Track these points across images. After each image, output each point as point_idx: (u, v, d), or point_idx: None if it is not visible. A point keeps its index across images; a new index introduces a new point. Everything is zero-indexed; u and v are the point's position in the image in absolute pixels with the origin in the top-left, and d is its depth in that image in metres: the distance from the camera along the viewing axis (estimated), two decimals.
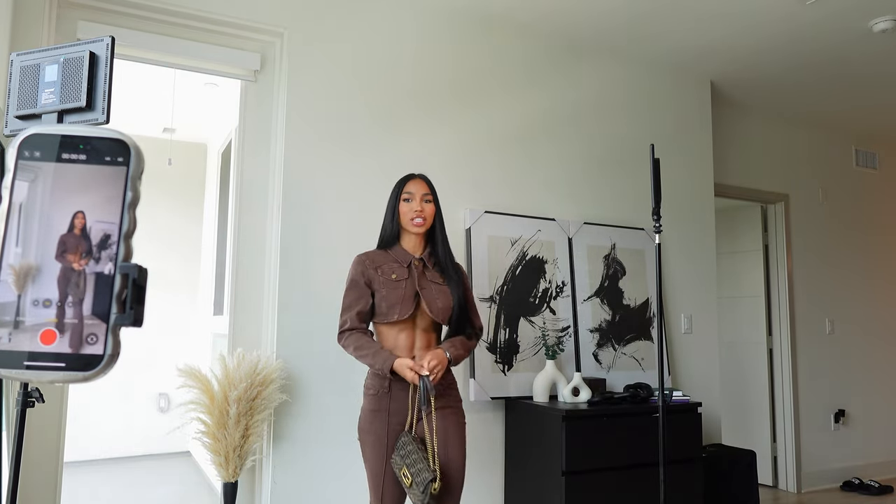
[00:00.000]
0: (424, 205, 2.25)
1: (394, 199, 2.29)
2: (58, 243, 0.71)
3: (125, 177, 0.75)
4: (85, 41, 0.85)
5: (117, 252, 0.72)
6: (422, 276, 2.24)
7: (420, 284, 2.22)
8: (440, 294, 2.22)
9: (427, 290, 2.22)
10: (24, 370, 0.70)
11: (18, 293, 0.70)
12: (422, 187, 2.28)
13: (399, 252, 2.26)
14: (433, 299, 2.21)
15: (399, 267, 2.23)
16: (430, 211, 2.26)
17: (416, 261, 2.25)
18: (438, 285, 2.24)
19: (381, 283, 2.20)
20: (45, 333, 0.70)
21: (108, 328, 0.70)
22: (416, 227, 2.24)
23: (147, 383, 5.32)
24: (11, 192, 0.72)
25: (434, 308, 2.20)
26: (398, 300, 2.17)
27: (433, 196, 2.29)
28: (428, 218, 2.26)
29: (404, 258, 2.25)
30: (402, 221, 2.26)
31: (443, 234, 2.32)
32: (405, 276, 2.22)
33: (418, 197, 2.25)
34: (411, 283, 2.21)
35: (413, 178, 2.30)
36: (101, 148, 0.75)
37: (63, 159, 0.74)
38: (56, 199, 0.73)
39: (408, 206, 2.25)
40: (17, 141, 0.75)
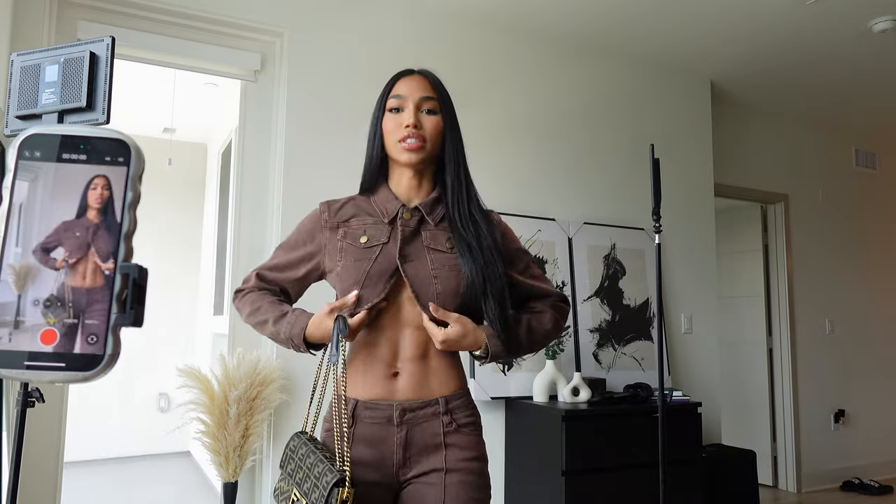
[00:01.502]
0: (423, 117, 1.33)
1: (377, 111, 1.38)
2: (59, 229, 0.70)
3: (125, 177, 0.75)
4: (85, 41, 0.85)
5: (118, 252, 0.72)
6: (412, 238, 1.32)
7: (404, 252, 1.29)
8: (442, 269, 1.29)
9: (417, 264, 1.29)
10: (25, 370, 0.70)
11: (18, 293, 0.70)
12: (420, 87, 1.35)
13: (382, 199, 1.35)
14: (426, 278, 1.28)
15: (376, 223, 1.33)
16: (432, 127, 1.33)
17: (407, 212, 1.33)
18: (441, 254, 1.30)
19: (341, 251, 1.32)
20: (45, 333, 0.70)
21: (109, 328, 0.70)
22: (407, 155, 1.31)
23: (147, 383, 5.32)
24: (12, 193, 0.72)
25: (426, 293, 1.27)
26: (359, 279, 1.27)
27: (440, 103, 1.35)
28: (430, 138, 1.32)
29: (387, 209, 1.34)
30: (388, 146, 1.35)
31: (459, 165, 1.36)
32: (382, 238, 1.31)
33: (412, 103, 1.32)
34: (389, 251, 1.29)
35: (407, 75, 1.38)
36: (101, 148, 0.75)
37: (63, 159, 0.74)
38: (56, 199, 0.73)
39: (395, 120, 1.33)
40: (18, 141, 0.75)
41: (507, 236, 1.41)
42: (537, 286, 1.42)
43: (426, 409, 1.27)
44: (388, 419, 1.25)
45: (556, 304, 1.42)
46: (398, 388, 1.28)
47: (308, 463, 1.21)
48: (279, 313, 1.33)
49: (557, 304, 1.43)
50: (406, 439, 1.25)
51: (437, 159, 1.37)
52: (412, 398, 1.27)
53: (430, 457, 1.26)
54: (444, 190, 1.36)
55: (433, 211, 1.35)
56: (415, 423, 1.26)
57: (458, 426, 1.29)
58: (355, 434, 1.26)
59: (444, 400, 1.29)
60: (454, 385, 1.32)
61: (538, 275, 1.44)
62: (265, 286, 1.40)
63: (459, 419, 1.30)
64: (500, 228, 1.40)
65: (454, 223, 1.33)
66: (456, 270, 1.29)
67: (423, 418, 1.27)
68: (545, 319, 1.39)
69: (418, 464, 1.26)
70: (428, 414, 1.27)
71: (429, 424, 1.27)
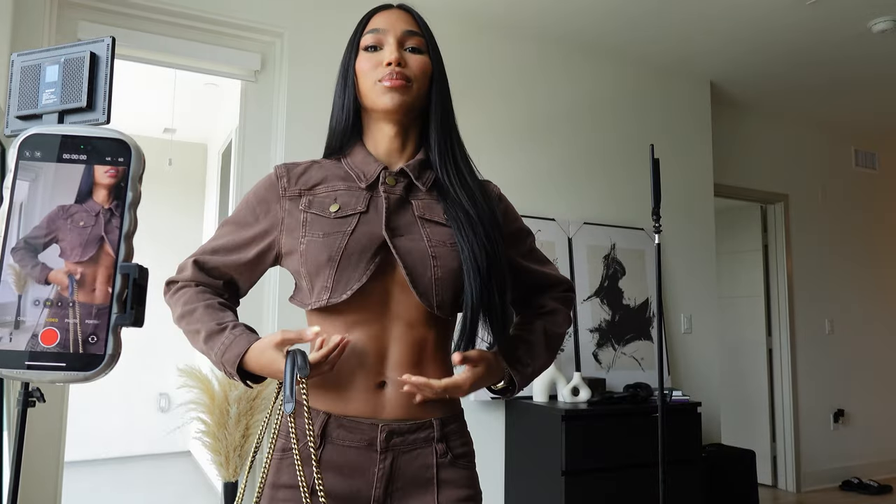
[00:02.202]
0: (408, 55, 1.06)
1: (348, 52, 1.12)
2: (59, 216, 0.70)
3: (126, 177, 0.75)
4: (86, 41, 0.85)
5: (118, 252, 0.72)
6: (400, 208, 1.04)
7: (392, 224, 1.02)
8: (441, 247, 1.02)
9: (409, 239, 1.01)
10: (25, 370, 0.70)
11: (19, 293, 0.70)
12: (402, 20, 1.09)
13: (358, 160, 1.07)
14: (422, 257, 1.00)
15: (350, 189, 1.05)
16: (418, 66, 1.07)
17: (391, 176, 1.05)
18: (439, 227, 1.04)
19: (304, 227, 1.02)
20: (46, 333, 0.70)
21: (109, 328, 0.70)
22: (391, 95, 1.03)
23: (147, 383, 5.32)
24: (12, 192, 0.72)
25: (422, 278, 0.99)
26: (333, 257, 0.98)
27: (427, 42, 1.10)
28: (416, 78, 1.06)
29: (364, 170, 1.06)
30: (363, 90, 1.07)
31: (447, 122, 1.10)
32: (359, 206, 1.02)
33: (393, 38, 1.06)
34: (371, 221, 1.01)
35: (386, 9, 1.11)
36: (101, 148, 0.75)
37: (64, 159, 0.74)
38: (56, 199, 0.73)
39: (372, 59, 1.06)
40: (18, 141, 0.75)
41: (509, 212, 1.18)
42: (543, 272, 1.17)
43: (418, 434, 0.99)
44: (370, 443, 0.96)
45: (566, 296, 1.19)
46: (385, 403, 0.98)
47: None
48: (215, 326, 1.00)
49: (567, 296, 1.19)
50: (390, 470, 0.97)
51: (422, 114, 1.09)
52: (402, 417, 0.98)
53: (419, 495, 0.98)
54: (429, 150, 1.08)
55: (422, 175, 1.07)
56: (403, 449, 0.98)
57: (454, 457, 1.01)
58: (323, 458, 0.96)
59: (440, 422, 1.01)
60: (451, 404, 1.05)
61: (542, 258, 1.21)
62: (204, 279, 1.09)
63: (455, 448, 1.02)
64: (501, 202, 1.17)
65: (446, 190, 1.05)
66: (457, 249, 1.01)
67: (414, 444, 0.99)
68: (560, 321, 1.14)
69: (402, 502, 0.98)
70: (420, 439, 0.99)
71: (420, 453, 0.99)
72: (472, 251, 1.00)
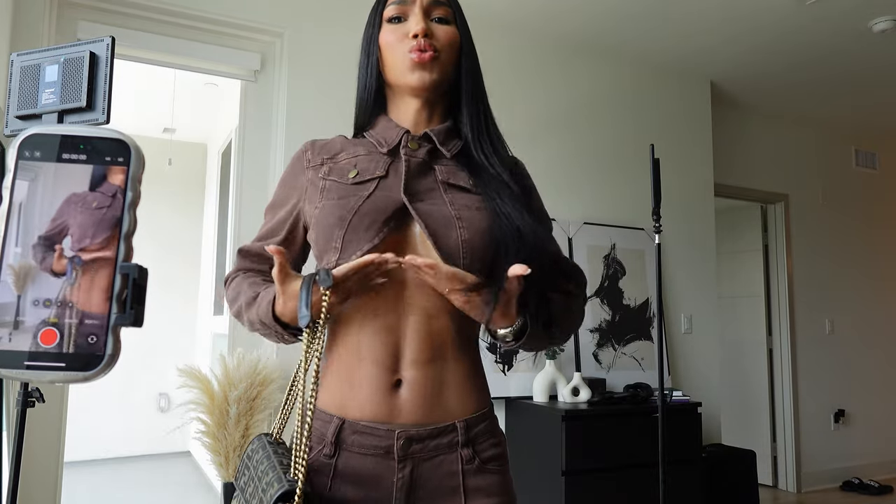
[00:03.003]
0: (435, 26, 1.00)
1: (371, 25, 1.06)
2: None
3: (126, 177, 0.75)
4: (85, 41, 0.85)
5: (118, 252, 0.72)
6: (422, 172, 0.97)
7: (411, 189, 0.94)
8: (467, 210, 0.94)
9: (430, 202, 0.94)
10: (25, 370, 0.70)
11: (18, 293, 0.70)
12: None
13: (380, 128, 1.02)
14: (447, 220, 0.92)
15: (369, 155, 1.00)
16: (446, 37, 1.01)
17: (413, 141, 0.99)
18: (464, 193, 0.96)
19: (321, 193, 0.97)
20: (46, 333, 0.70)
21: (109, 328, 0.70)
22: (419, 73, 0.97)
23: (147, 383, 5.32)
24: (12, 193, 0.72)
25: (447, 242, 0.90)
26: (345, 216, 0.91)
27: (455, 12, 1.06)
28: (444, 48, 1.00)
29: (385, 136, 1.00)
30: (388, 65, 1.01)
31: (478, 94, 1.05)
32: (378, 171, 0.97)
33: (419, 8, 1.00)
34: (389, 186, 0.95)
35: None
36: (101, 148, 0.75)
37: (63, 159, 0.74)
38: (57, 199, 0.73)
39: (397, 31, 1.00)
40: (17, 141, 0.75)
41: (535, 194, 1.11)
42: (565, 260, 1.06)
43: (440, 439, 0.90)
44: (387, 450, 0.89)
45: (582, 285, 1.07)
46: (401, 406, 0.90)
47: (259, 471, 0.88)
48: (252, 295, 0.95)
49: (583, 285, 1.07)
50: (411, 480, 0.89)
51: (451, 88, 1.02)
52: (421, 421, 0.89)
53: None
54: (459, 122, 1.02)
55: (447, 142, 1.00)
56: (424, 457, 0.89)
57: (482, 462, 0.92)
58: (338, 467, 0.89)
59: (465, 425, 0.91)
60: (477, 402, 0.94)
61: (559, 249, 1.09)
62: (249, 265, 1.04)
63: (484, 452, 0.93)
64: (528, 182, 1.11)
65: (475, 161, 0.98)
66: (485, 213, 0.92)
67: (436, 451, 0.90)
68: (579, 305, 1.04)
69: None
70: (442, 445, 0.90)
71: (443, 460, 0.90)
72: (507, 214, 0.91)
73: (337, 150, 1.02)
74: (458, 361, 0.93)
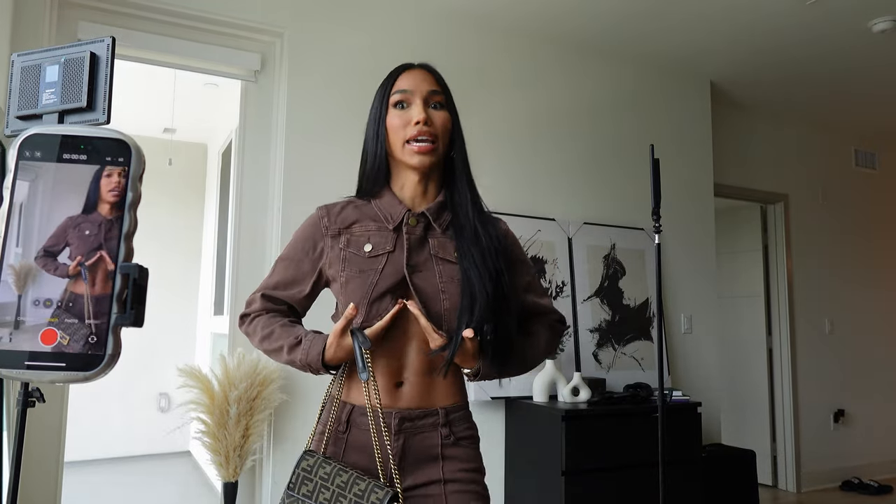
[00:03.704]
0: (433, 112, 1.24)
1: (378, 107, 1.29)
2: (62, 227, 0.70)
3: (126, 177, 0.75)
4: (86, 41, 0.85)
5: (118, 252, 0.72)
6: (419, 246, 1.24)
7: (412, 262, 1.22)
8: (450, 283, 1.21)
9: (424, 275, 1.21)
10: (25, 370, 0.70)
11: (19, 293, 0.70)
12: (426, 80, 1.27)
13: (386, 203, 1.26)
14: (434, 292, 1.20)
15: (380, 230, 1.24)
16: (441, 122, 1.25)
17: (413, 218, 1.24)
18: (449, 265, 1.23)
19: (344, 262, 1.23)
20: (46, 333, 0.70)
21: (109, 328, 0.70)
22: (419, 157, 1.22)
23: (147, 383, 5.33)
24: (12, 193, 0.72)
25: (434, 308, 1.19)
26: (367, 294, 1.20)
27: (447, 98, 1.28)
28: (440, 135, 1.24)
29: (392, 213, 1.25)
30: (393, 146, 1.26)
31: (465, 170, 1.29)
32: (388, 247, 1.23)
33: (419, 98, 1.24)
34: (396, 260, 1.21)
35: (410, 68, 1.30)
36: (101, 148, 0.75)
37: (64, 159, 0.74)
38: (57, 199, 0.73)
39: (402, 116, 1.24)
40: (18, 141, 0.75)
41: (514, 247, 1.34)
42: (537, 302, 1.36)
43: (425, 420, 1.21)
44: (386, 427, 1.17)
45: (553, 325, 1.37)
46: (401, 397, 1.21)
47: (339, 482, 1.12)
48: (293, 340, 1.23)
49: (554, 325, 1.37)
50: (402, 449, 1.18)
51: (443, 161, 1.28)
52: (412, 407, 1.20)
53: (426, 468, 1.19)
54: (450, 194, 1.28)
55: (439, 217, 1.26)
56: (413, 432, 1.20)
57: (457, 439, 1.23)
58: (349, 440, 1.19)
59: (445, 411, 1.22)
60: (455, 397, 1.25)
61: (540, 291, 1.38)
62: (272, 307, 1.32)
63: (458, 432, 1.23)
64: (508, 238, 1.33)
65: (463, 230, 1.25)
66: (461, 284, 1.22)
67: (422, 428, 1.20)
68: (540, 342, 1.33)
69: (412, 475, 1.19)
70: (427, 424, 1.21)
71: (427, 435, 1.20)
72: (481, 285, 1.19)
73: (351, 221, 1.27)
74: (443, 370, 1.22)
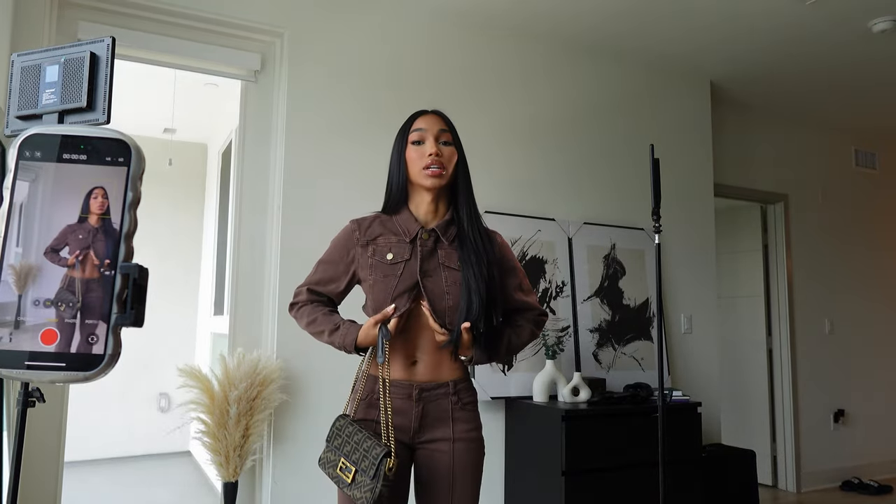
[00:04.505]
0: (442, 147, 1.62)
1: (399, 143, 1.67)
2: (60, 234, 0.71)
3: (126, 177, 0.75)
4: (86, 41, 0.85)
5: (118, 252, 0.72)
6: (430, 256, 1.60)
7: (424, 269, 1.57)
8: (453, 285, 1.57)
9: (433, 279, 1.57)
10: (25, 370, 0.70)
11: (19, 293, 0.70)
12: (437, 122, 1.66)
13: (404, 219, 1.63)
14: (441, 293, 1.56)
15: (399, 242, 1.61)
16: (449, 156, 1.63)
17: (425, 233, 1.61)
18: (453, 271, 1.59)
19: (371, 267, 1.60)
20: (46, 333, 0.70)
21: (109, 328, 0.70)
22: (432, 180, 1.59)
23: (147, 383, 5.33)
24: (12, 193, 0.72)
25: (440, 306, 1.55)
26: (389, 294, 1.56)
27: (453, 136, 1.67)
28: (448, 166, 1.62)
29: (409, 229, 1.61)
30: (412, 173, 1.63)
31: (468, 193, 1.66)
32: (405, 256, 1.59)
33: (432, 136, 1.62)
34: (411, 267, 1.57)
35: (424, 114, 1.68)
36: (101, 148, 0.75)
37: (64, 159, 0.74)
38: (57, 199, 0.73)
39: (418, 151, 1.62)
40: (18, 141, 0.75)
41: (506, 254, 1.71)
42: (524, 301, 1.71)
43: (438, 390, 1.58)
44: (408, 396, 1.56)
45: (537, 319, 1.73)
46: (416, 373, 1.58)
47: (355, 439, 1.50)
48: (332, 326, 1.62)
49: (537, 319, 1.73)
50: (422, 412, 1.57)
51: (449, 186, 1.65)
52: (428, 380, 1.58)
53: (441, 427, 1.58)
54: (456, 213, 1.65)
55: (447, 232, 1.63)
56: (430, 399, 1.57)
57: (463, 404, 1.60)
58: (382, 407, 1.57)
59: (453, 383, 1.60)
60: (460, 373, 1.63)
61: (527, 290, 1.73)
62: (316, 298, 1.70)
63: (464, 399, 1.61)
64: (501, 247, 1.70)
65: (465, 242, 1.61)
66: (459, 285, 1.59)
67: (436, 397, 1.58)
68: (524, 333, 1.70)
69: (430, 432, 1.58)
70: (439, 394, 1.58)
71: (440, 402, 1.58)
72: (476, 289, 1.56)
73: (377, 234, 1.64)
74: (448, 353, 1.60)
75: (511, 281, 1.69)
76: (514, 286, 1.70)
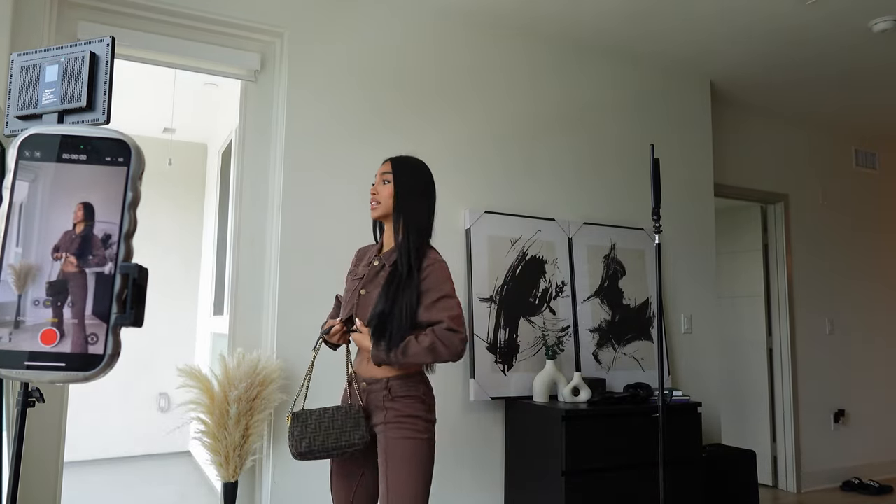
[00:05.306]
0: (380, 187, 1.97)
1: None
2: (60, 239, 0.71)
3: (125, 177, 0.75)
4: (85, 41, 0.85)
5: (118, 252, 0.72)
6: (374, 277, 1.97)
7: (366, 287, 1.97)
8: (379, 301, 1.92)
9: (369, 295, 1.95)
10: (25, 370, 0.70)
11: (19, 293, 0.70)
12: (384, 167, 2.01)
13: (373, 248, 2.08)
14: (366, 305, 1.93)
15: (364, 266, 2.03)
16: (384, 193, 1.96)
17: (376, 259, 2.00)
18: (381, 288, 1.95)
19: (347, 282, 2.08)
20: (46, 333, 0.70)
21: (109, 328, 0.70)
22: (371, 212, 2.00)
23: (147, 383, 5.32)
24: (12, 192, 0.72)
25: (362, 314, 1.93)
26: (347, 299, 2.02)
27: (395, 175, 1.96)
28: (382, 201, 1.96)
29: (370, 255, 2.06)
30: None
31: (402, 225, 1.93)
32: (361, 276, 2.01)
33: (377, 176, 1.99)
34: (363, 283, 1.98)
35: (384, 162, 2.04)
36: (101, 148, 0.75)
37: (63, 159, 0.74)
38: (56, 199, 0.73)
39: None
40: (18, 141, 0.75)
41: (429, 277, 1.91)
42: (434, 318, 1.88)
43: (376, 385, 1.92)
44: (359, 387, 1.96)
45: (440, 330, 1.86)
46: (366, 369, 1.94)
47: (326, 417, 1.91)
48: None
49: (443, 331, 1.86)
50: (367, 400, 1.93)
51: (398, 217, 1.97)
52: (369, 377, 1.93)
53: (377, 414, 1.91)
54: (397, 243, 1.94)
55: (390, 259, 1.96)
56: (370, 392, 1.93)
57: (395, 397, 1.89)
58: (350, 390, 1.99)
59: (387, 380, 1.90)
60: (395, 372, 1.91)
61: (440, 308, 1.89)
62: None
63: (396, 393, 1.89)
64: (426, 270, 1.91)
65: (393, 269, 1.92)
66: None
67: (374, 390, 1.92)
68: (424, 340, 1.85)
69: (373, 417, 1.92)
70: (377, 387, 1.91)
71: (378, 395, 1.91)
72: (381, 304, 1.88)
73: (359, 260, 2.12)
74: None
75: (424, 300, 1.90)
76: (425, 304, 1.90)
